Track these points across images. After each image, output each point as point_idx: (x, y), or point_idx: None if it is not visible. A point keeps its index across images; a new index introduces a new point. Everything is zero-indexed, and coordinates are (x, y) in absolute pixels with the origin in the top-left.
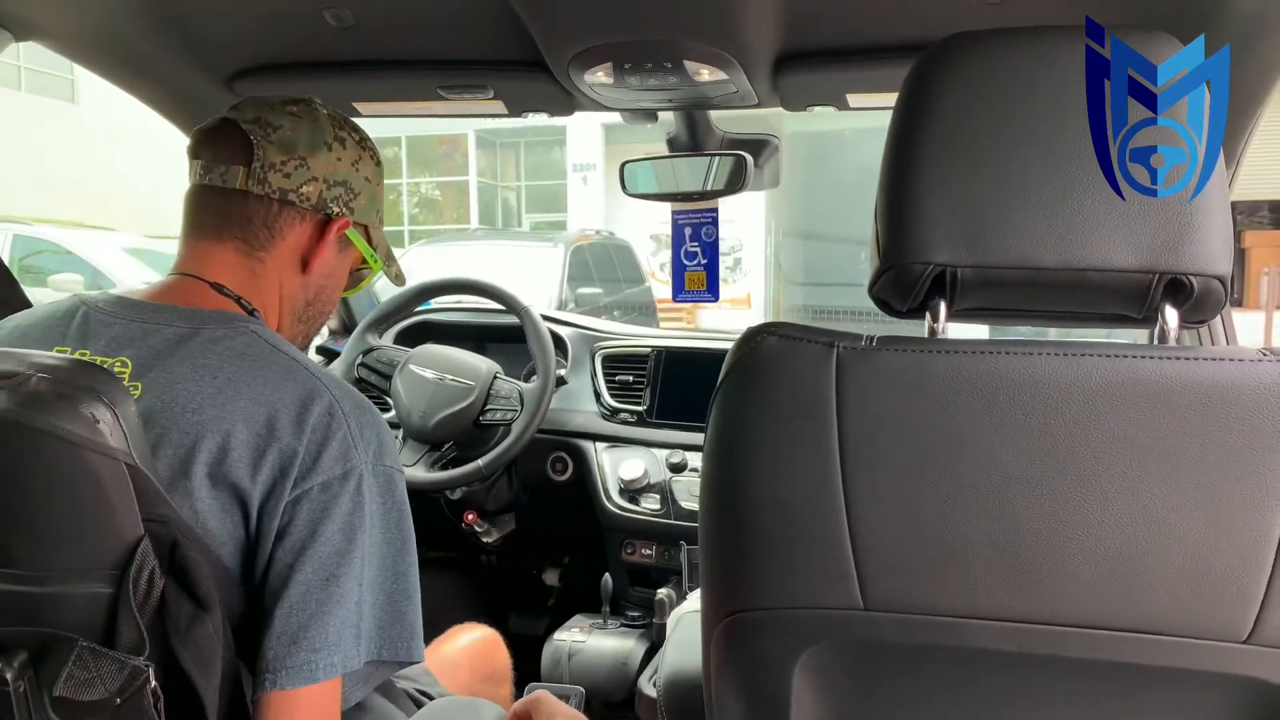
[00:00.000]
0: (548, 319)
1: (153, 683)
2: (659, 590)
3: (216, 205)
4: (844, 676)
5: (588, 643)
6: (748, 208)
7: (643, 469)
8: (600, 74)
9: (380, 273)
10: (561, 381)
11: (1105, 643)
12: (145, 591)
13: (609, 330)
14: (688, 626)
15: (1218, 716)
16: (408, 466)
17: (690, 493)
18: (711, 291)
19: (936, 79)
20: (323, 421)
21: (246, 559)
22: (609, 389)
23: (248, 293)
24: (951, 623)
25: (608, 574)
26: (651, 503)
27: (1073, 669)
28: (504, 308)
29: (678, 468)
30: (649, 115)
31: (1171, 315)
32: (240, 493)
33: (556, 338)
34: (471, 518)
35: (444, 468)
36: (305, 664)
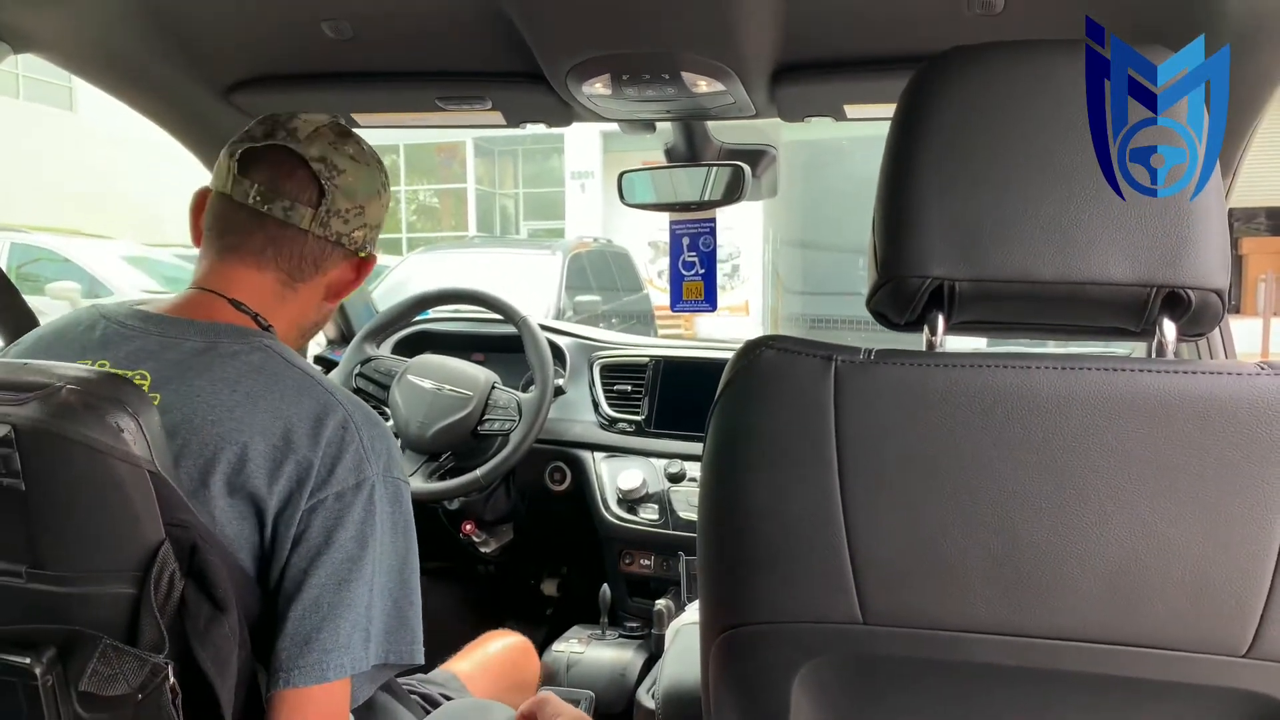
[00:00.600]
0: (546, 329)
1: (171, 680)
2: (657, 601)
3: (268, 234)
4: (843, 691)
5: (586, 653)
6: (745, 215)
7: (641, 479)
8: (598, 85)
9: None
10: (560, 391)
11: (1104, 657)
12: (166, 593)
13: (607, 340)
14: (686, 638)
15: None
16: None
17: (689, 503)
18: (709, 301)
19: (934, 93)
20: (337, 435)
21: (262, 563)
22: (607, 399)
23: (267, 312)
24: (950, 637)
25: (606, 584)
26: (650, 513)
27: (1072, 683)
28: (502, 317)
29: (676, 478)
30: (647, 126)
31: (1169, 328)
32: (257, 501)
33: (555, 347)
34: (469, 528)
35: (442, 478)
36: (317, 664)
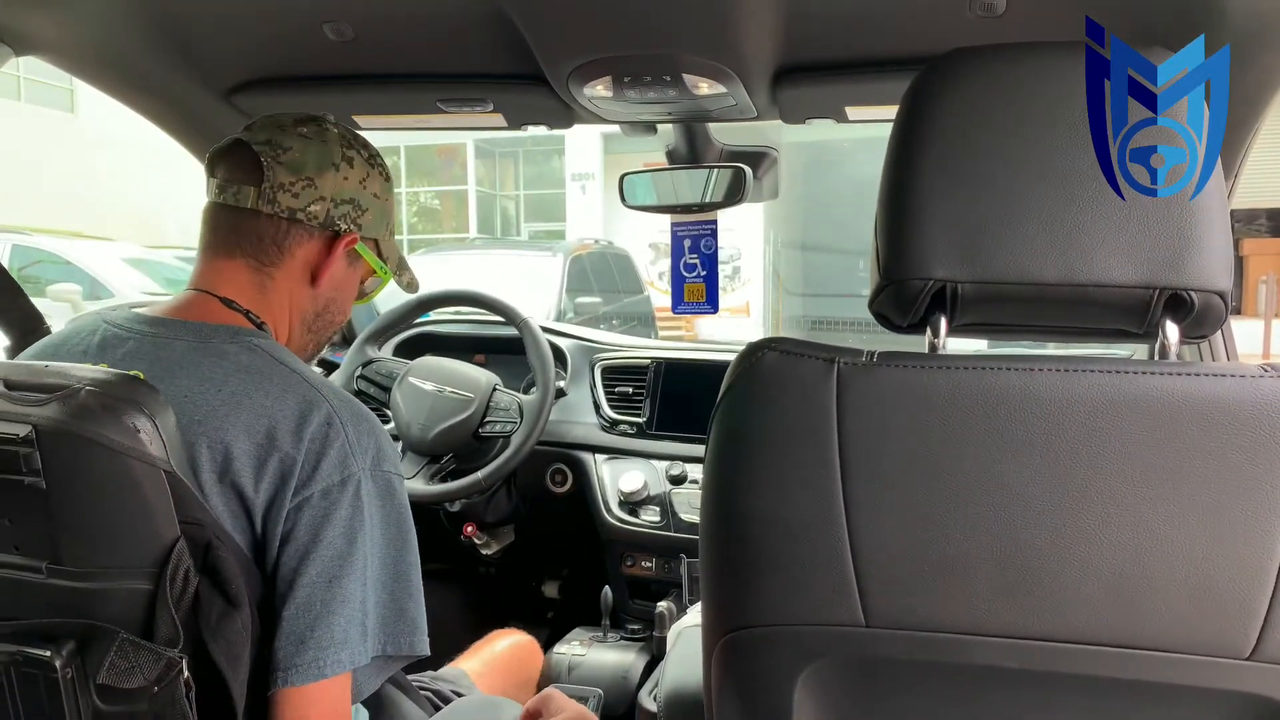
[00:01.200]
0: (547, 330)
1: (185, 673)
2: (659, 603)
3: (229, 223)
4: (845, 693)
5: (587, 656)
6: (746, 216)
7: (642, 481)
8: (599, 87)
9: (390, 281)
10: (561, 393)
11: (1107, 659)
12: (180, 589)
13: (608, 342)
14: (688, 641)
15: None
16: (407, 479)
17: (690, 505)
18: (711, 303)
19: (936, 95)
20: (321, 431)
21: (258, 560)
22: (608, 401)
23: (257, 307)
24: (953, 639)
25: (607, 586)
26: (651, 515)
27: (1075, 685)
28: (503, 319)
29: (678, 480)
30: (648, 128)
31: (1172, 330)
32: (245, 499)
33: (556, 349)
34: (471, 530)
35: (443, 480)
36: (314, 662)
